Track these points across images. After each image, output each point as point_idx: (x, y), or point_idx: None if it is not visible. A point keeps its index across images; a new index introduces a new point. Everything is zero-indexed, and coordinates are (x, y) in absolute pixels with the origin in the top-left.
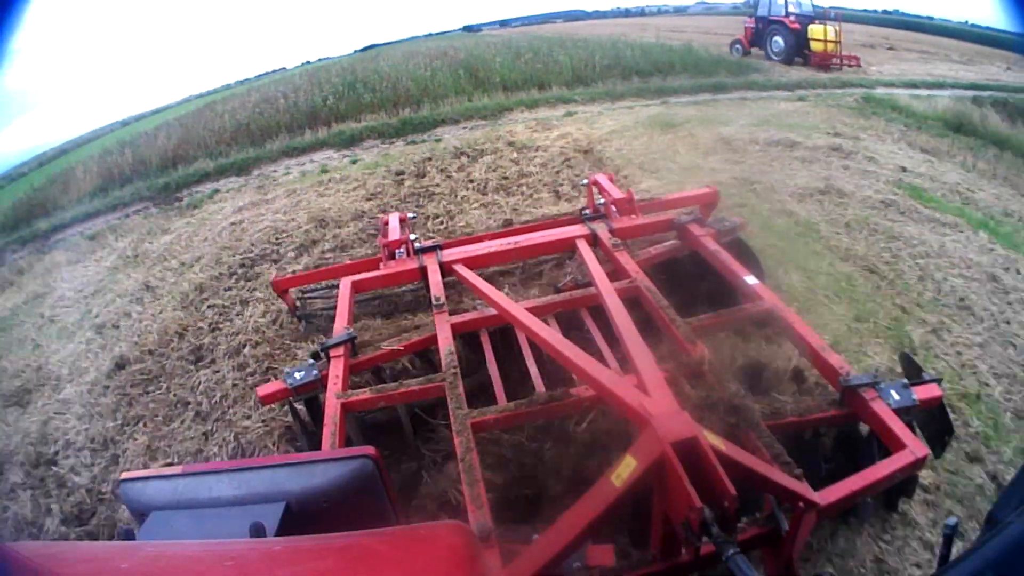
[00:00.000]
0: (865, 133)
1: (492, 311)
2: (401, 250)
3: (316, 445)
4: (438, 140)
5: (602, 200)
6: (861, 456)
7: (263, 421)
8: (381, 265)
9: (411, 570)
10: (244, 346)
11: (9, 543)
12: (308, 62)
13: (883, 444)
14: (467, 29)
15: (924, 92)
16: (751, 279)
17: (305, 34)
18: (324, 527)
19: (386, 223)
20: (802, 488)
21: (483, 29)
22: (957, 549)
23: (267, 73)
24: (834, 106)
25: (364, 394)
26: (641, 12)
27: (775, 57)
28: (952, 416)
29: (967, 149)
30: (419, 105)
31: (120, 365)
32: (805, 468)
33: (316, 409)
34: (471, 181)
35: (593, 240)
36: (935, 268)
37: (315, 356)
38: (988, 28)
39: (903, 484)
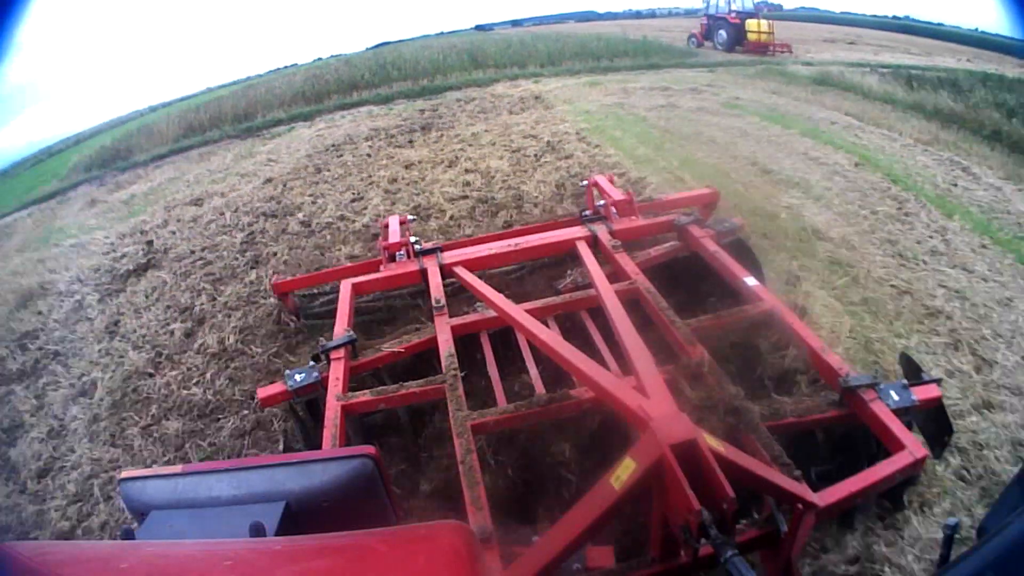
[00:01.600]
0: (735, 85)
1: (492, 313)
2: (401, 252)
3: (317, 447)
4: (445, 96)
5: (602, 202)
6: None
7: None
8: (382, 267)
9: (411, 570)
10: (338, 178)
11: (9, 543)
12: (320, 58)
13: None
14: (479, 28)
15: (835, 68)
16: (751, 280)
17: (314, 32)
18: (324, 527)
19: (386, 226)
20: (801, 489)
21: (495, 28)
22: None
23: (278, 69)
24: (735, 74)
25: (364, 396)
26: (652, 14)
27: (720, 47)
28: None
29: (809, 92)
30: (433, 78)
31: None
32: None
33: (317, 411)
34: (464, 112)
35: (593, 242)
36: (704, 128)
37: (315, 359)
38: (996, 35)
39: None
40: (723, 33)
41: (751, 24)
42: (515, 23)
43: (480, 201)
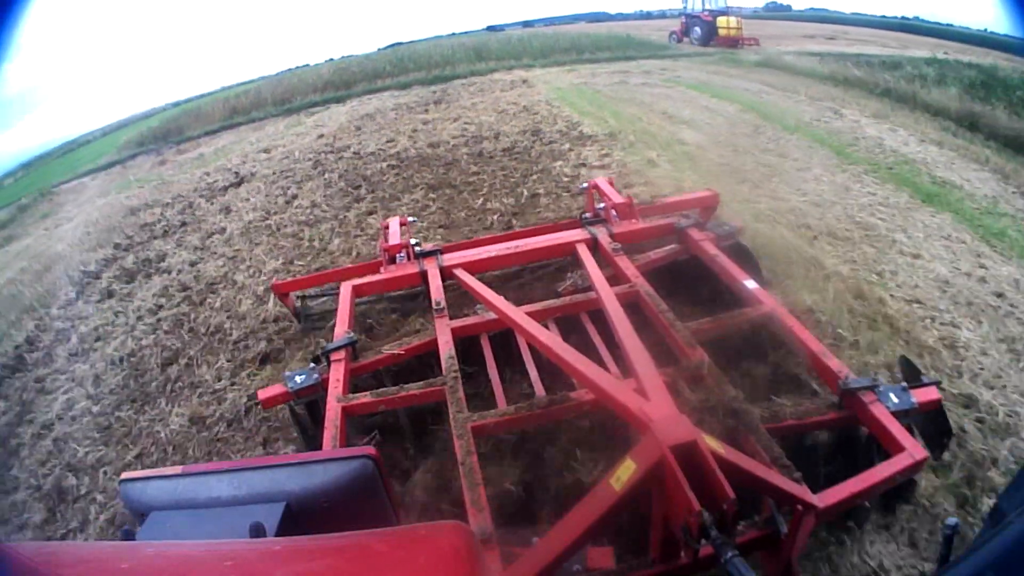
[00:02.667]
0: (684, 69)
1: (492, 315)
2: (402, 254)
3: (317, 449)
4: (453, 83)
5: (602, 204)
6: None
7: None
8: (382, 269)
9: (411, 570)
10: (374, 131)
11: (9, 543)
12: (332, 59)
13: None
14: (490, 29)
15: (780, 55)
16: (751, 283)
17: (326, 34)
18: (324, 527)
19: (386, 227)
20: (801, 491)
21: (506, 29)
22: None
23: (290, 69)
24: (692, 62)
25: (364, 398)
26: (663, 15)
27: (695, 42)
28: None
29: (744, 71)
30: (443, 69)
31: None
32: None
33: (317, 413)
34: (467, 92)
35: (593, 244)
36: (639, 95)
37: (316, 360)
38: (1004, 36)
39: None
40: (697, 29)
41: (721, 21)
42: (526, 24)
43: (472, 137)
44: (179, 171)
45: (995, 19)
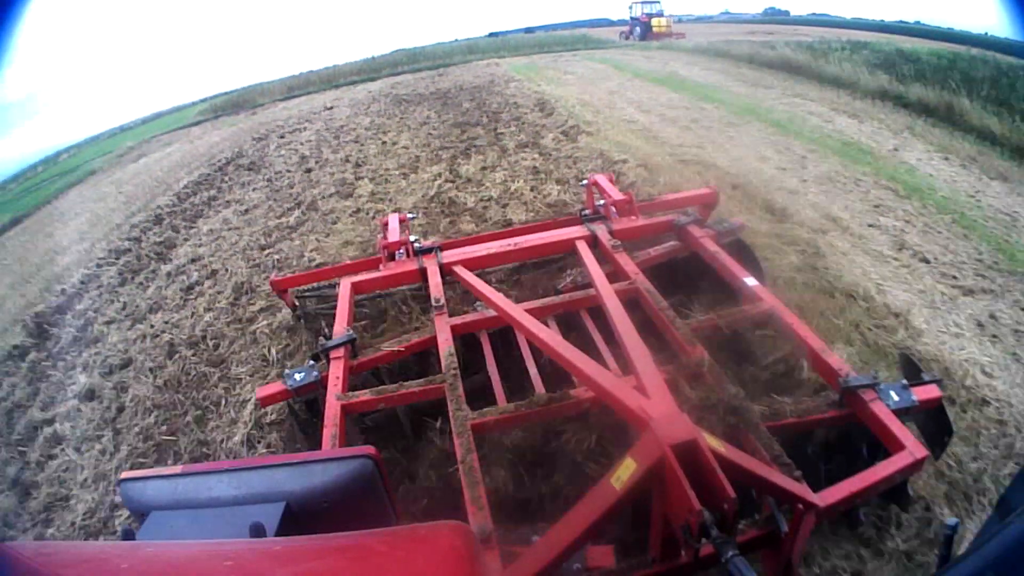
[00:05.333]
0: (604, 53)
1: (492, 312)
2: (401, 251)
3: (316, 447)
4: (450, 69)
5: (602, 201)
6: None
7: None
8: (381, 266)
9: (411, 570)
10: (409, 85)
11: (9, 543)
12: (336, 65)
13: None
14: (492, 35)
15: (688, 42)
16: (751, 280)
17: (322, 43)
18: (324, 527)
19: (385, 224)
20: (801, 489)
21: (507, 36)
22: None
23: (293, 75)
24: (621, 50)
25: (364, 396)
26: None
27: (636, 38)
28: None
29: (649, 53)
30: (443, 61)
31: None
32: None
33: (316, 410)
34: (458, 71)
35: (593, 241)
36: (574, 69)
37: (315, 358)
38: (1005, 39)
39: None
40: (638, 29)
41: (655, 21)
42: (528, 30)
43: (458, 86)
44: (275, 115)
45: (997, 23)
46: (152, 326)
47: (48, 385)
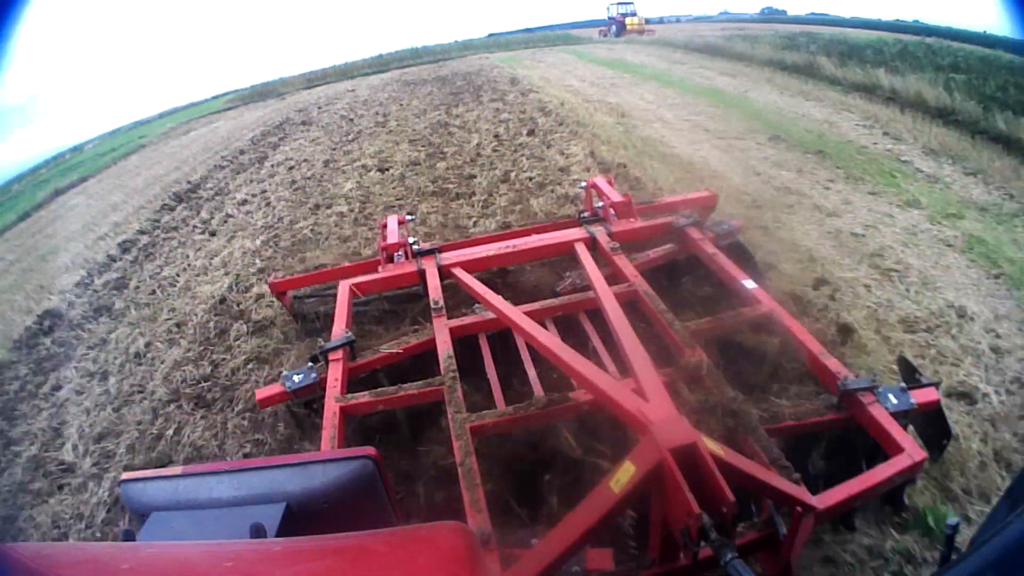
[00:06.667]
0: (577, 47)
1: (491, 315)
2: (400, 253)
3: (316, 448)
4: (448, 61)
5: (600, 203)
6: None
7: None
8: (380, 268)
9: (411, 571)
10: (413, 72)
11: (9, 544)
12: (335, 65)
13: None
14: (491, 36)
15: (648, 37)
16: (749, 283)
17: (330, 45)
18: (324, 528)
19: (384, 226)
20: (800, 492)
21: (504, 36)
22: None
23: (302, 72)
24: (594, 44)
25: (363, 398)
26: (660, 20)
27: (613, 35)
28: None
29: (616, 46)
30: (443, 56)
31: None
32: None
33: (315, 412)
34: (454, 62)
35: (591, 244)
36: (546, 59)
37: (314, 360)
38: (1002, 36)
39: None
40: (614, 27)
41: (629, 20)
42: (528, 31)
43: (455, 72)
44: (303, 98)
45: (995, 21)
46: (266, 186)
47: (211, 205)
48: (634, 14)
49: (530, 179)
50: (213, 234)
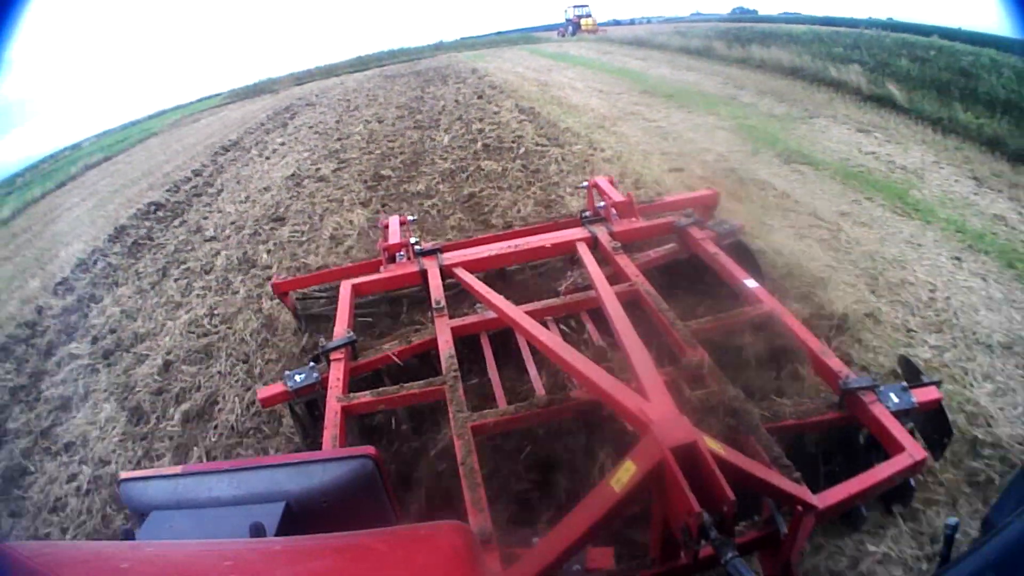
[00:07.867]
0: (533, 45)
1: (492, 314)
2: (401, 253)
3: (317, 448)
4: (422, 60)
5: (602, 203)
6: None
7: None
8: (381, 268)
9: (411, 570)
10: (396, 68)
11: (9, 543)
12: (318, 66)
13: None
14: (462, 39)
15: (594, 36)
16: (751, 282)
17: (305, 48)
18: (324, 527)
19: (386, 226)
20: (801, 491)
21: (476, 39)
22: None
23: (292, 72)
24: (547, 43)
25: (365, 397)
26: (631, 22)
27: (571, 36)
28: None
29: (563, 43)
30: (418, 55)
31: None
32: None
33: (317, 411)
34: (428, 59)
35: (593, 243)
36: (505, 54)
37: (315, 359)
38: (983, 33)
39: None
40: (571, 28)
41: (584, 21)
42: (497, 34)
43: (432, 68)
44: (297, 92)
45: (968, 19)
46: (297, 135)
47: (258, 147)
48: (589, 15)
49: (474, 118)
50: (268, 158)
